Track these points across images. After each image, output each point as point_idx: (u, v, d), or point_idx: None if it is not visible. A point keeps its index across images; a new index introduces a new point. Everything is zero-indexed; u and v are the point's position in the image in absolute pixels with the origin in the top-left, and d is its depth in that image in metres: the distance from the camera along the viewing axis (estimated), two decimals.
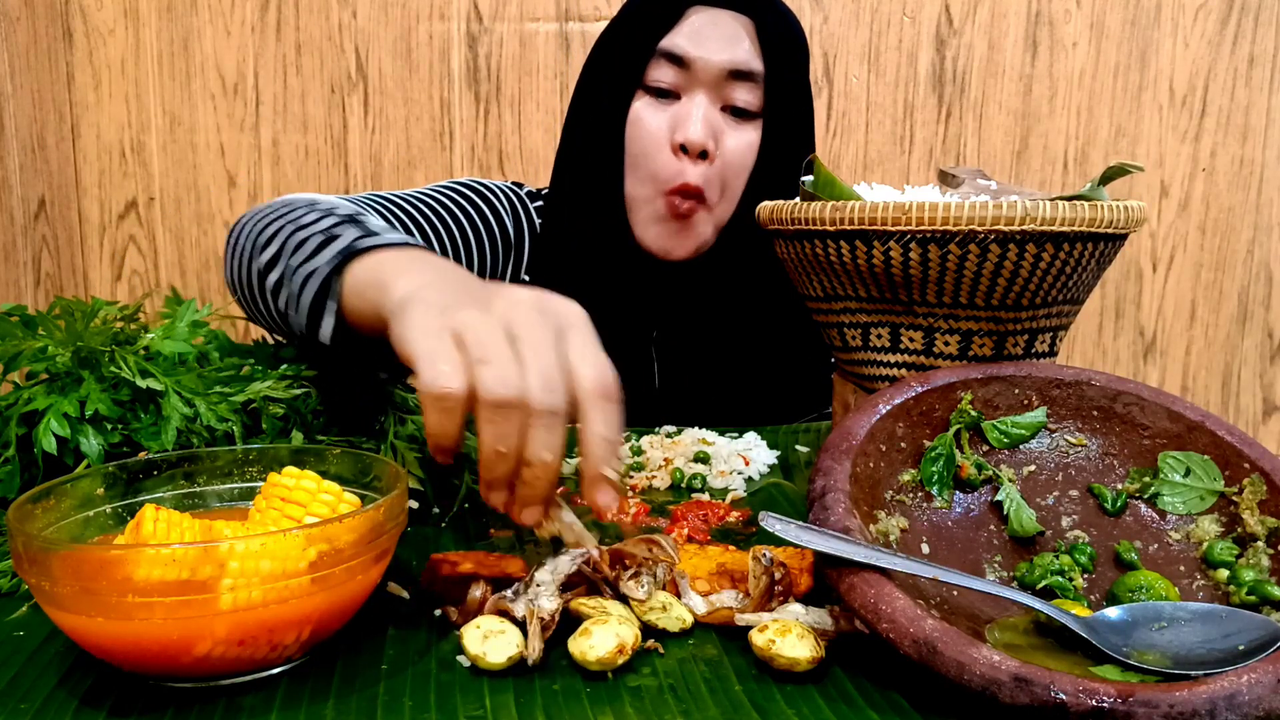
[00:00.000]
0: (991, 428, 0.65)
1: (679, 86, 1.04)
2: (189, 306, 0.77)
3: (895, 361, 0.74)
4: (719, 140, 1.04)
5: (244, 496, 0.61)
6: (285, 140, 1.79)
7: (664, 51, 1.03)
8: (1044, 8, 1.77)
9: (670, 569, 0.57)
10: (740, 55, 1.03)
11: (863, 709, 0.48)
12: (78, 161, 1.80)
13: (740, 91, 1.03)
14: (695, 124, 1.02)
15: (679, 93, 1.04)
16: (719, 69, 1.02)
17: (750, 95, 1.04)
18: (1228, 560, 0.58)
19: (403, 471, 0.57)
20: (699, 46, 1.02)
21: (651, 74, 1.04)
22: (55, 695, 0.49)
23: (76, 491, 0.55)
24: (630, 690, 0.49)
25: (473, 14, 1.76)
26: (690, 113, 1.02)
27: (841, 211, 0.69)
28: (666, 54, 1.03)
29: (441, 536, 0.71)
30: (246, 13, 1.75)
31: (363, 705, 0.48)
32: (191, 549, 0.46)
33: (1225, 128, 1.82)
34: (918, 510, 0.62)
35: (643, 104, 1.05)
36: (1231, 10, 1.78)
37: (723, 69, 1.02)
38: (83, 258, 1.84)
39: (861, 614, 0.50)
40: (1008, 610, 0.56)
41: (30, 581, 0.47)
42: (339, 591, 0.50)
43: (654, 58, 1.04)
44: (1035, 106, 1.81)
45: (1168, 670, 0.48)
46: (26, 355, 0.69)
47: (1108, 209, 0.67)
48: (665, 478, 0.83)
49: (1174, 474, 0.62)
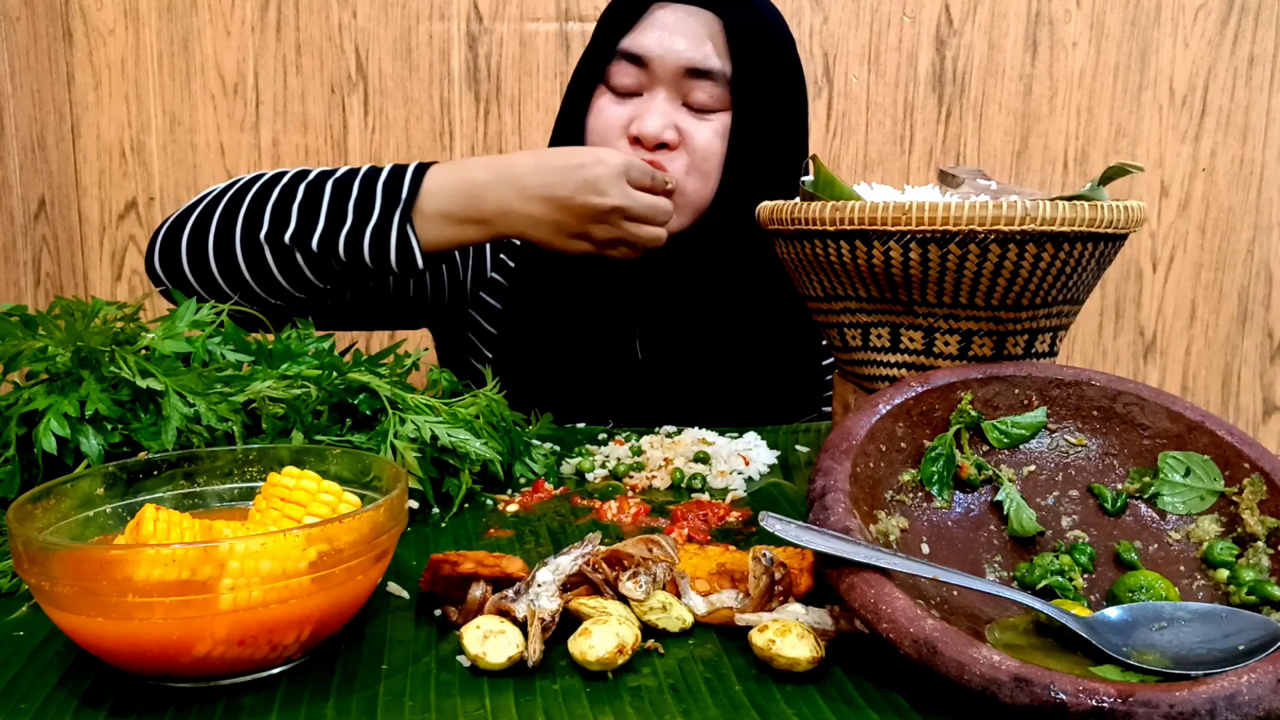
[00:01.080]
0: (991, 428, 0.65)
1: (640, 85, 1.04)
2: (189, 306, 0.77)
3: (895, 361, 0.74)
4: (680, 130, 1.04)
5: (244, 496, 0.61)
6: (285, 140, 1.79)
7: (623, 52, 1.04)
8: (1044, 8, 1.77)
9: (670, 569, 0.57)
10: (700, 54, 1.02)
11: (863, 709, 0.48)
12: (78, 161, 1.80)
13: (701, 90, 1.03)
14: (652, 118, 1.02)
15: (640, 91, 1.05)
16: (676, 68, 1.02)
17: (712, 93, 1.03)
18: (1228, 560, 0.58)
19: (403, 471, 0.57)
20: (659, 45, 1.02)
21: (614, 73, 1.05)
22: (55, 695, 0.49)
23: (76, 491, 0.55)
24: (630, 690, 0.49)
25: (473, 14, 1.76)
26: (649, 108, 1.03)
27: (841, 211, 0.69)
28: (626, 54, 1.04)
29: (441, 537, 0.71)
30: (246, 13, 1.75)
31: (363, 705, 0.48)
32: (191, 549, 0.46)
33: (1225, 128, 1.82)
34: (918, 510, 0.62)
35: (605, 99, 1.06)
36: (1231, 10, 1.78)
37: (680, 68, 1.02)
38: (83, 258, 1.84)
39: (861, 614, 0.50)
40: (1008, 610, 0.56)
41: (30, 581, 0.47)
42: (339, 591, 0.50)
43: (615, 59, 1.04)
44: (1035, 106, 1.81)
45: (1168, 670, 0.48)
46: (26, 355, 0.69)
47: (1108, 209, 0.67)
48: (665, 478, 0.83)
49: (1174, 474, 0.62)
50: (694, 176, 1.04)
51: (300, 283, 0.97)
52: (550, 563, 0.56)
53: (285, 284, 0.96)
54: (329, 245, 0.94)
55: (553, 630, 0.52)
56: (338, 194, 0.95)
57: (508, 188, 0.94)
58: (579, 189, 0.93)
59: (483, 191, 0.94)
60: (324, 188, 0.96)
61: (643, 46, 1.02)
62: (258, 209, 0.96)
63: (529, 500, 0.78)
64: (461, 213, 0.95)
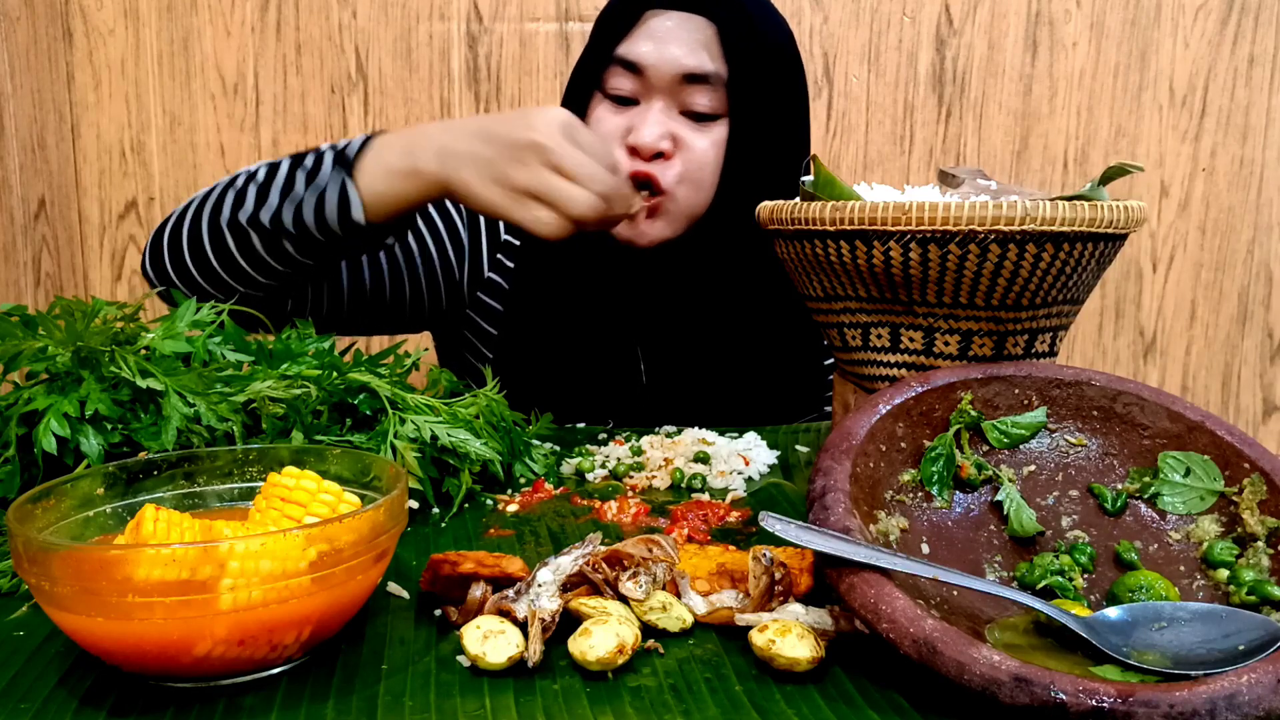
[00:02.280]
0: (991, 428, 0.65)
1: (637, 93, 1.04)
2: (189, 306, 0.77)
3: (895, 361, 0.74)
4: (678, 141, 1.03)
5: (244, 496, 0.61)
6: (285, 140, 1.79)
7: (619, 59, 1.03)
8: (1044, 8, 1.77)
9: (670, 569, 0.57)
10: (695, 61, 1.01)
11: (863, 709, 0.48)
12: (78, 161, 1.80)
13: (698, 96, 1.02)
14: (649, 128, 1.01)
15: (637, 99, 1.04)
16: (673, 74, 1.02)
17: (709, 99, 1.03)
18: (1228, 560, 0.58)
19: (403, 471, 0.57)
20: (654, 52, 1.02)
21: (610, 81, 1.04)
22: (55, 695, 0.49)
23: (76, 491, 0.55)
24: (630, 690, 0.49)
25: (473, 14, 1.76)
26: (645, 118, 1.02)
27: (841, 211, 0.69)
28: (622, 61, 1.03)
29: (441, 536, 0.71)
30: (246, 13, 1.75)
31: (363, 705, 0.48)
32: (191, 549, 0.46)
33: (1225, 128, 1.82)
34: (918, 510, 0.62)
35: (603, 108, 1.05)
36: (1231, 10, 1.78)
37: (677, 74, 1.02)
38: (83, 258, 1.84)
39: (861, 614, 0.50)
40: (1008, 610, 0.56)
41: (30, 581, 0.47)
42: (339, 591, 0.50)
43: (611, 65, 1.04)
44: (1035, 106, 1.80)
45: (1168, 670, 0.48)
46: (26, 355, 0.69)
47: (1108, 209, 0.67)
48: (665, 478, 0.83)
49: (1174, 474, 0.62)
50: (688, 186, 1.04)
51: (262, 266, 0.95)
52: (551, 563, 0.56)
53: (249, 269, 0.95)
54: (277, 217, 0.92)
55: (553, 630, 0.52)
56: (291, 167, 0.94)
57: (447, 131, 0.90)
58: (512, 124, 0.87)
59: (423, 140, 0.91)
60: (280, 165, 0.95)
61: (638, 54, 1.02)
62: (223, 197, 0.96)
63: (529, 500, 0.78)
64: (400, 165, 0.91)
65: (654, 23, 1.03)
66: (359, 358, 0.82)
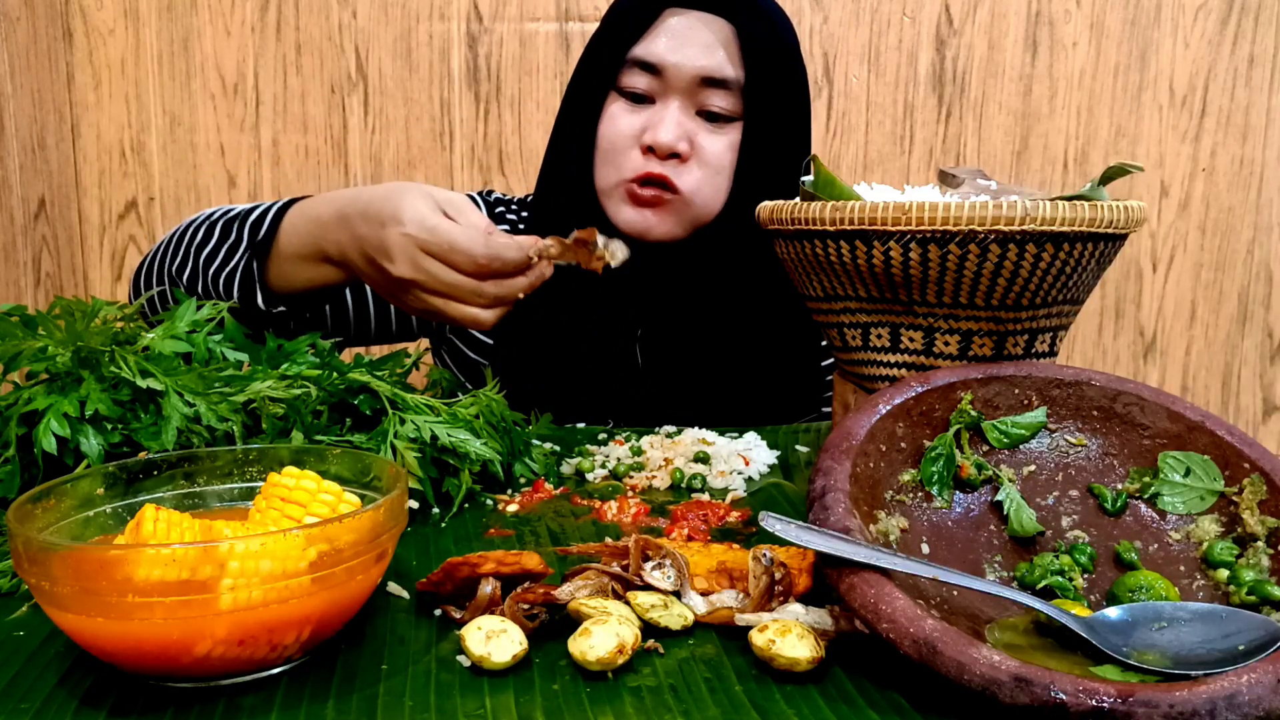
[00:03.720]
0: (991, 428, 0.65)
1: (653, 92, 1.04)
2: (189, 306, 0.77)
3: (895, 361, 0.74)
4: (693, 142, 1.03)
5: (244, 496, 0.61)
6: (285, 140, 1.79)
7: (636, 60, 1.03)
8: (1044, 8, 1.77)
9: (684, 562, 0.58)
10: (714, 62, 1.01)
11: (863, 709, 0.48)
12: (78, 161, 1.80)
13: (715, 98, 1.03)
14: (666, 128, 1.01)
15: (653, 97, 1.04)
16: (692, 76, 1.02)
17: (726, 101, 1.03)
18: (1228, 560, 0.58)
19: (403, 471, 0.57)
20: (672, 53, 1.02)
21: (626, 80, 1.04)
22: (55, 695, 0.49)
23: (76, 491, 0.55)
24: (630, 690, 0.49)
25: (473, 14, 1.76)
26: (663, 118, 1.02)
27: (841, 211, 0.69)
28: (639, 62, 1.03)
29: (441, 537, 0.71)
30: (246, 13, 1.75)
31: (363, 705, 0.48)
32: (191, 549, 0.46)
33: (1225, 128, 1.82)
34: (918, 510, 0.62)
35: (618, 106, 1.05)
36: (1231, 10, 1.78)
37: (696, 76, 1.02)
38: (83, 258, 1.84)
39: (861, 614, 0.50)
40: (1008, 610, 0.56)
41: (30, 581, 0.47)
42: (339, 591, 0.50)
43: (627, 65, 1.04)
44: (1035, 106, 1.80)
45: (1168, 670, 0.48)
46: (26, 355, 0.69)
47: (1108, 209, 0.67)
48: (665, 478, 0.83)
49: (1174, 474, 0.62)
50: (705, 190, 1.04)
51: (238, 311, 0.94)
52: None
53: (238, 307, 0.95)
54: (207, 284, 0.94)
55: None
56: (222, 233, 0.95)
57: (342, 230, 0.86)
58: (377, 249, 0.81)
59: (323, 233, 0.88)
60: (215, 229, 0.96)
61: (656, 55, 1.02)
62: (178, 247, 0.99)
63: (529, 500, 0.78)
64: (309, 251, 0.90)
65: (672, 22, 1.03)
66: (359, 358, 0.82)
